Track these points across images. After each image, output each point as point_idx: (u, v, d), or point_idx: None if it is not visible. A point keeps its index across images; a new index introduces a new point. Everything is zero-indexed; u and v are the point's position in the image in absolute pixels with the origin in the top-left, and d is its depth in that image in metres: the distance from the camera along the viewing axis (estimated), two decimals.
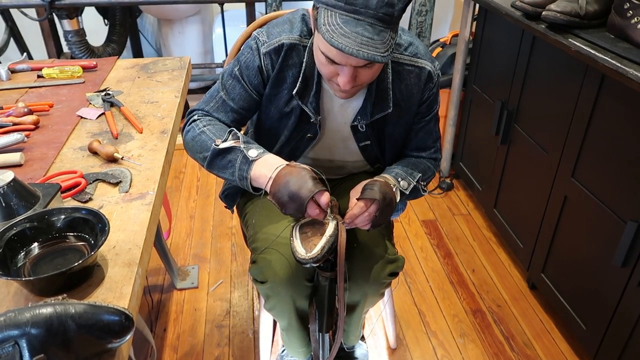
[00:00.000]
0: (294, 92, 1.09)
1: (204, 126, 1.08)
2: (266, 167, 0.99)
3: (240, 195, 1.32)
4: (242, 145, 1.02)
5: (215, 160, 1.04)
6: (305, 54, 1.08)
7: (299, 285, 1.14)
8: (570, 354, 1.67)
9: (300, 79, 1.08)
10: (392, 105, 1.11)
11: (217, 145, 1.02)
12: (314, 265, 0.98)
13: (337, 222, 1.02)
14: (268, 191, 0.99)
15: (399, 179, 1.12)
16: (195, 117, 1.12)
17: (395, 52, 1.10)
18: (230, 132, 1.05)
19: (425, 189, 1.19)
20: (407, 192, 1.13)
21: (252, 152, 1.01)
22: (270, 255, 1.12)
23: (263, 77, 1.11)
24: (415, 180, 1.15)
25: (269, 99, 1.14)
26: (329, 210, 1.11)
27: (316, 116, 1.12)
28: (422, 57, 1.12)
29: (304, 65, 1.08)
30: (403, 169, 1.15)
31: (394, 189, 1.07)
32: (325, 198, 0.96)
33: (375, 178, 1.08)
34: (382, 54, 0.88)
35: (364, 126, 1.14)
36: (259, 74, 1.10)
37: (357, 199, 1.03)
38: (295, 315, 1.21)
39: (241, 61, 1.11)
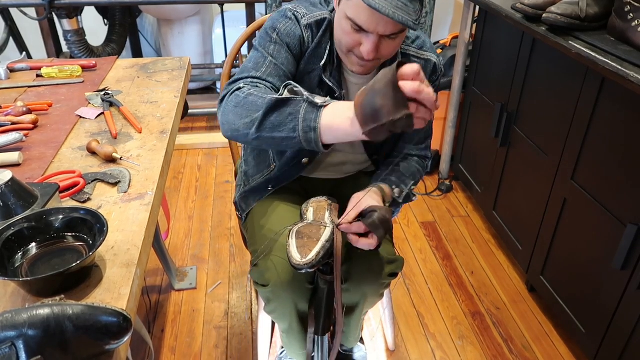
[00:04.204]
0: (321, 64, 1.08)
1: (249, 89, 0.97)
2: (344, 107, 0.86)
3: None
4: (305, 94, 0.90)
5: (269, 117, 0.90)
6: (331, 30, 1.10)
7: (300, 288, 1.13)
8: (569, 356, 1.67)
9: (327, 52, 1.09)
10: None
11: (273, 97, 0.90)
12: (310, 270, 0.97)
13: (334, 227, 1.01)
14: (358, 128, 0.83)
15: (393, 187, 1.14)
16: (241, 85, 1.00)
17: (402, 44, 1.13)
18: (286, 85, 0.93)
19: (415, 194, 1.22)
20: (400, 200, 1.15)
21: (319, 99, 0.88)
22: (271, 258, 1.11)
23: (302, 49, 1.09)
24: (408, 187, 1.17)
25: (301, 77, 1.11)
26: (327, 214, 1.10)
27: (340, 90, 1.11)
28: (428, 50, 1.15)
29: (330, 41, 1.09)
30: (396, 176, 1.17)
31: (390, 208, 1.08)
32: (410, 67, 0.80)
33: (375, 205, 1.02)
34: (414, 21, 0.90)
35: None
36: (299, 44, 1.08)
37: (362, 221, 0.98)
38: (296, 318, 1.20)
39: (280, 29, 1.06)
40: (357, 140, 0.87)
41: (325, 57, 1.09)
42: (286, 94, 0.91)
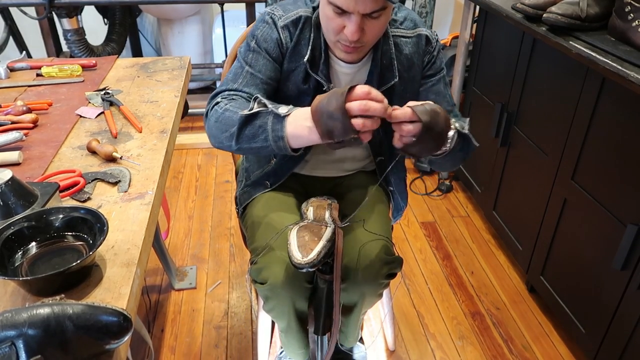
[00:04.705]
0: (304, 59, 1.09)
1: (225, 105, 1.04)
2: (302, 117, 0.93)
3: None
4: (270, 107, 0.96)
5: (244, 130, 0.98)
6: (313, 26, 1.10)
7: (298, 286, 1.13)
8: (569, 357, 1.67)
9: (309, 48, 1.09)
10: (397, 74, 1.13)
11: (243, 114, 0.98)
12: (310, 270, 0.97)
13: (335, 227, 1.01)
14: (317, 137, 0.91)
15: (453, 119, 1.04)
16: (219, 100, 1.07)
17: (391, 27, 1.13)
18: (255, 99, 0.99)
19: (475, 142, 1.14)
20: (465, 131, 1.05)
21: (282, 110, 0.95)
22: (270, 256, 1.11)
23: (282, 51, 1.11)
24: (467, 124, 1.10)
25: (286, 75, 1.13)
26: (327, 213, 1.10)
27: (329, 84, 1.12)
28: (418, 26, 1.16)
29: (312, 37, 1.10)
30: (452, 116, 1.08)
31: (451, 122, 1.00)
32: (360, 88, 0.87)
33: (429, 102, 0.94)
34: None
35: None
36: (277, 47, 1.10)
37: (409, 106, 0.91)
38: (294, 317, 1.20)
39: (257, 35, 1.10)
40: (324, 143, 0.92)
41: (308, 53, 1.09)
42: (256, 107, 0.97)
